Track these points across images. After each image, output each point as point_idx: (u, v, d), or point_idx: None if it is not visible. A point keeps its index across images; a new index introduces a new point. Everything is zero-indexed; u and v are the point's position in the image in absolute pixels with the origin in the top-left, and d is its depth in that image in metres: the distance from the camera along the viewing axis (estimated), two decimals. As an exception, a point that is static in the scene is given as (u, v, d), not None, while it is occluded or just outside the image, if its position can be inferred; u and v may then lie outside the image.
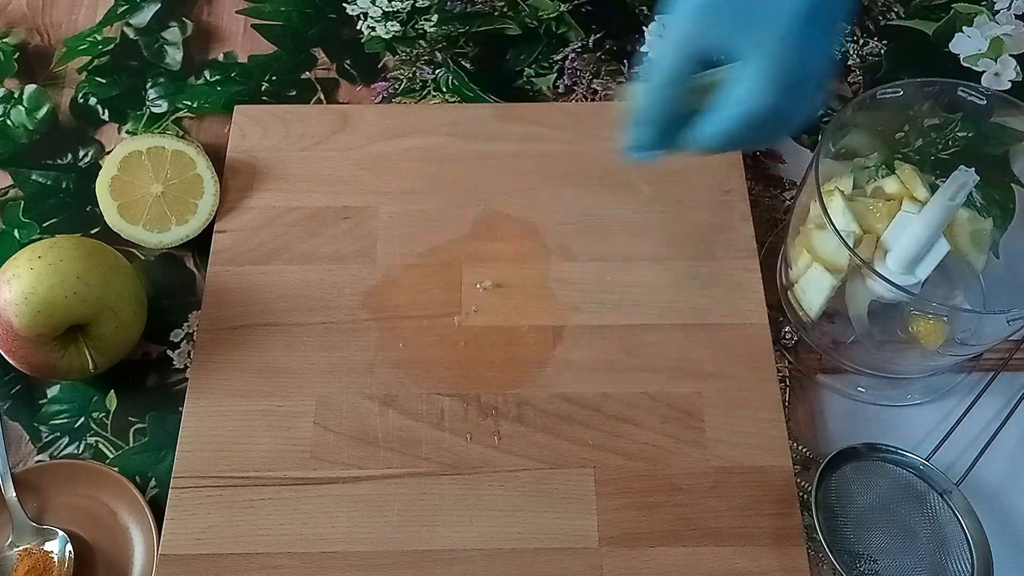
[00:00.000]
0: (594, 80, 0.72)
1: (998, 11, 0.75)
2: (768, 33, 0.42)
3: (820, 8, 0.42)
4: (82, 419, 0.60)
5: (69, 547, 0.54)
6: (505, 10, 0.76)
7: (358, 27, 0.76)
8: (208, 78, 0.73)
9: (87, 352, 0.56)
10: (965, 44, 0.74)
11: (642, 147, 0.47)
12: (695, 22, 0.43)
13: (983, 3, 0.76)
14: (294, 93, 0.72)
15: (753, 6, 0.42)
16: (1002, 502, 0.57)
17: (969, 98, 0.57)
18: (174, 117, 0.71)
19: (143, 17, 0.76)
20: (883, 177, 0.59)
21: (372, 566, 0.53)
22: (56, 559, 0.54)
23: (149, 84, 0.73)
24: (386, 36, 0.75)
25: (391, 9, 0.76)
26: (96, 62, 0.74)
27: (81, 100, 0.72)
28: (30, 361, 0.56)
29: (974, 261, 0.58)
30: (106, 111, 0.72)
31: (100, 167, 0.66)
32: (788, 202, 0.67)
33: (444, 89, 0.72)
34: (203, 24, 0.76)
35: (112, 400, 0.60)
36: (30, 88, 0.73)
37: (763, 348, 0.60)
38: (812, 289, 0.57)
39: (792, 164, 0.69)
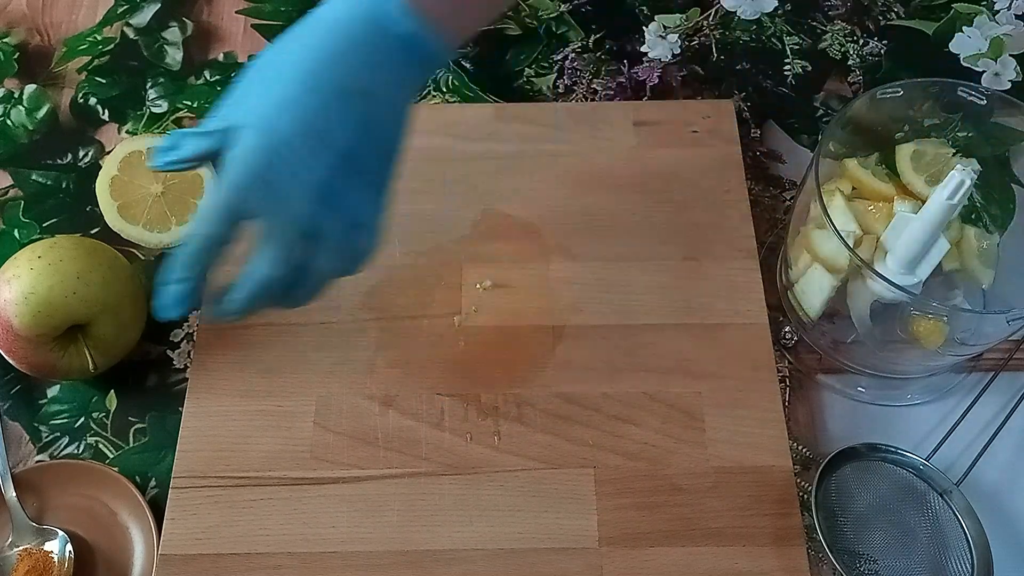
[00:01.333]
0: (594, 80, 0.72)
1: (998, 11, 0.75)
2: (278, 213, 0.44)
3: (329, 189, 0.44)
4: (82, 419, 0.60)
5: (69, 547, 0.54)
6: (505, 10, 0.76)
7: (358, 27, 0.76)
8: (208, 78, 0.73)
9: (87, 352, 0.56)
10: (965, 44, 0.74)
11: (170, 305, 0.47)
12: (234, 195, 0.44)
13: (983, 3, 0.76)
14: (294, 93, 0.72)
15: (273, 188, 0.44)
16: (1002, 502, 0.57)
17: (969, 98, 0.57)
18: (174, 117, 0.71)
19: (143, 17, 0.76)
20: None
21: (372, 566, 0.53)
22: (56, 559, 0.54)
23: (149, 84, 0.73)
24: (386, 36, 0.75)
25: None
26: (96, 62, 0.74)
27: (81, 100, 0.72)
28: (30, 361, 0.56)
29: (982, 277, 0.58)
30: (106, 111, 0.72)
31: (100, 167, 0.66)
32: (788, 202, 0.67)
33: (444, 89, 0.72)
34: (203, 24, 0.76)
35: (112, 400, 0.60)
36: (30, 88, 0.73)
37: (763, 348, 0.60)
38: (812, 289, 0.57)
39: (792, 164, 0.69)
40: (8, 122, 0.71)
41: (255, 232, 0.45)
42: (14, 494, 0.56)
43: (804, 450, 0.58)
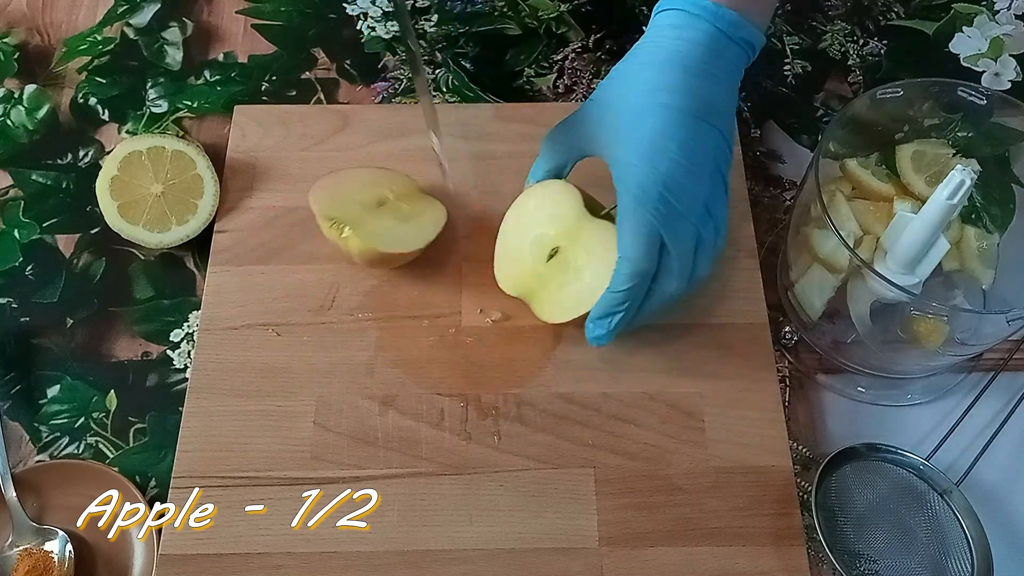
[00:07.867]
0: (594, 80, 0.72)
1: (998, 11, 0.75)
2: (680, 230, 0.51)
3: (711, 201, 0.52)
4: (82, 419, 0.60)
5: (69, 547, 0.55)
6: (505, 10, 0.76)
7: (358, 27, 0.76)
8: (208, 78, 0.73)
9: None
10: (965, 44, 0.74)
11: (605, 336, 0.55)
12: (651, 221, 0.51)
13: (983, 3, 0.76)
14: (294, 93, 0.72)
15: (673, 210, 0.51)
16: (1002, 502, 0.57)
17: (969, 98, 0.57)
18: (174, 117, 0.71)
19: (143, 17, 0.76)
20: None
21: (372, 566, 0.53)
22: (56, 559, 0.54)
23: (149, 84, 0.73)
24: (386, 36, 0.75)
25: (391, 9, 0.76)
26: (96, 62, 0.74)
27: (81, 100, 0.72)
28: None
29: (981, 277, 0.58)
30: (106, 111, 0.72)
31: (100, 167, 0.66)
32: (788, 202, 0.67)
33: (444, 89, 0.72)
34: (203, 24, 0.76)
35: (112, 400, 0.60)
36: (30, 88, 0.73)
37: (763, 348, 0.60)
38: (812, 289, 0.57)
39: (792, 164, 0.69)
40: (8, 122, 0.71)
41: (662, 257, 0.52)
42: (14, 494, 0.56)
43: (804, 450, 0.58)
